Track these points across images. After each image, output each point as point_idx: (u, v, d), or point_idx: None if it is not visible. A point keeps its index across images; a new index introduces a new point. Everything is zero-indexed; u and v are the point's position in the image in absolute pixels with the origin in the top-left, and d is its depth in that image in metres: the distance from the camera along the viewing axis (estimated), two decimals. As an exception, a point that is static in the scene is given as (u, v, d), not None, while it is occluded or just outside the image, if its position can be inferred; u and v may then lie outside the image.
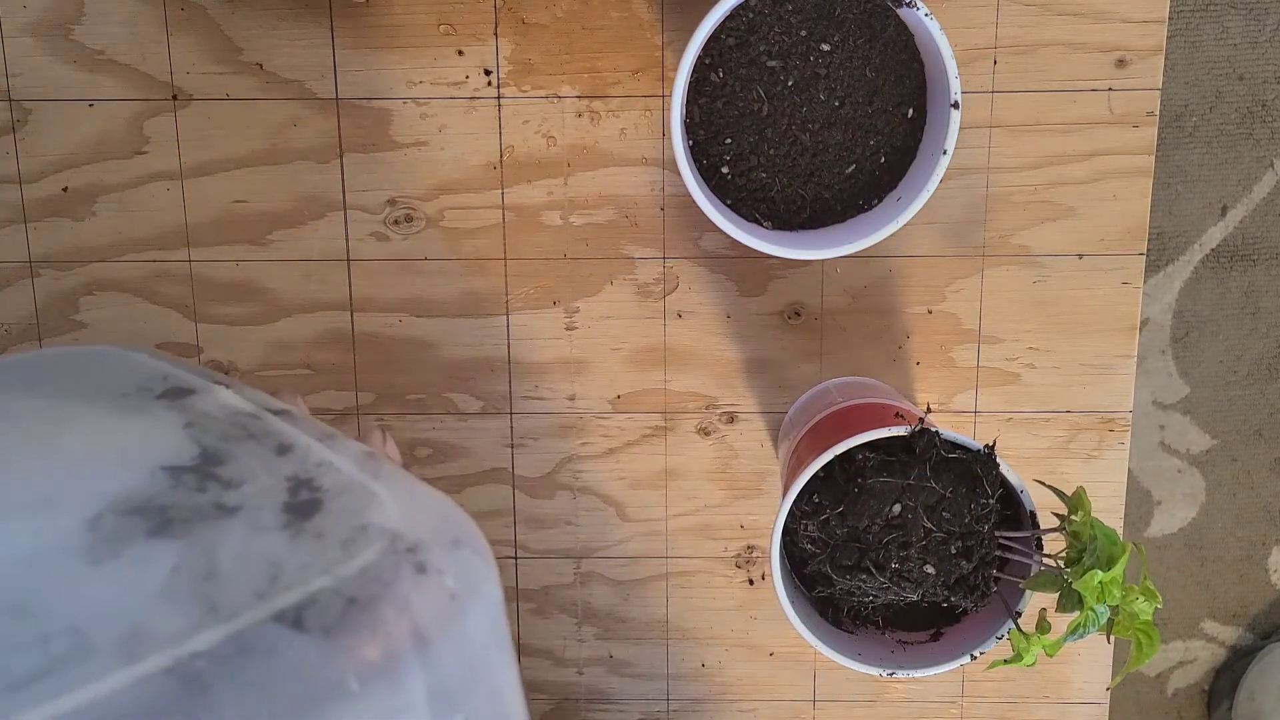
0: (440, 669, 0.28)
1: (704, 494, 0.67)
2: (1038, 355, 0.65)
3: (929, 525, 0.51)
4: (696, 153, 0.56)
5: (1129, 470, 0.70)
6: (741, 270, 0.64)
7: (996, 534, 0.53)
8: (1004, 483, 0.54)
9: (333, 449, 0.31)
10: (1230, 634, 1.45)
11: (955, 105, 0.53)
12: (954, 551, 0.52)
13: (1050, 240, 0.63)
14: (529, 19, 0.61)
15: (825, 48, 0.55)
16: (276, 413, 0.32)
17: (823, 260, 0.63)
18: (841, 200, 0.58)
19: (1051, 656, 0.52)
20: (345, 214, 0.64)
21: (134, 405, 0.31)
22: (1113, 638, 0.51)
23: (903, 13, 0.54)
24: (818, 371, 0.66)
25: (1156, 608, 0.49)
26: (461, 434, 0.67)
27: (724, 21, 0.54)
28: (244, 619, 0.25)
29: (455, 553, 0.30)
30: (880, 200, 0.58)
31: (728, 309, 0.65)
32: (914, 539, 0.51)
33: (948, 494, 0.52)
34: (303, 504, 0.29)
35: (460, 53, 0.62)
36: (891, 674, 0.56)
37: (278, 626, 0.25)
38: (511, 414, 0.66)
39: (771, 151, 0.56)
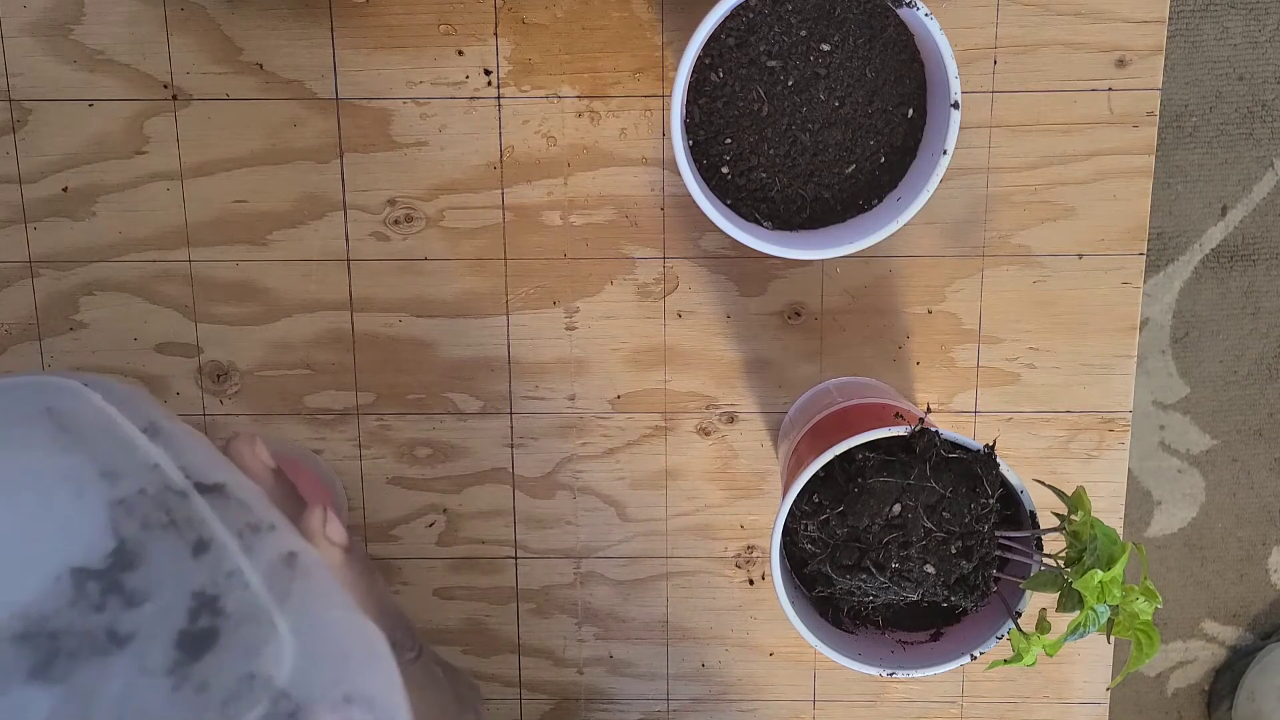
0: None
1: (704, 494, 0.67)
2: (1038, 355, 0.65)
3: (929, 525, 0.51)
4: (696, 153, 0.56)
5: (1129, 470, 0.70)
6: (741, 270, 0.64)
7: (996, 534, 0.53)
8: (1004, 483, 0.54)
9: (252, 548, 0.29)
10: (1230, 634, 1.45)
11: (955, 105, 0.53)
12: (954, 551, 0.52)
13: (1050, 240, 0.63)
14: (529, 19, 0.61)
15: (825, 48, 0.55)
16: (208, 489, 0.30)
17: (823, 260, 0.63)
18: (841, 200, 0.58)
19: (1051, 656, 0.52)
20: (345, 214, 0.64)
21: (66, 472, 0.29)
22: (1113, 638, 0.51)
23: (903, 13, 0.54)
24: (818, 371, 0.66)
25: (1156, 608, 0.49)
26: (461, 434, 0.67)
27: (724, 21, 0.54)
28: None
29: (343, 712, 0.28)
30: (880, 200, 0.58)
31: (728, 309, 0.65)
32: (914, 539, 0.51)
33: (948, 494, 0.52)
34: (199, 634, 0.27)
35: (460, 53, 0.62)
36: (891, 674, 0.56)
37: None
38: (511, 414, 0.66)
39: (771, 151, 0.56)
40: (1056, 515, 0.52)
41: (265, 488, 0.33)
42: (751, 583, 0.69)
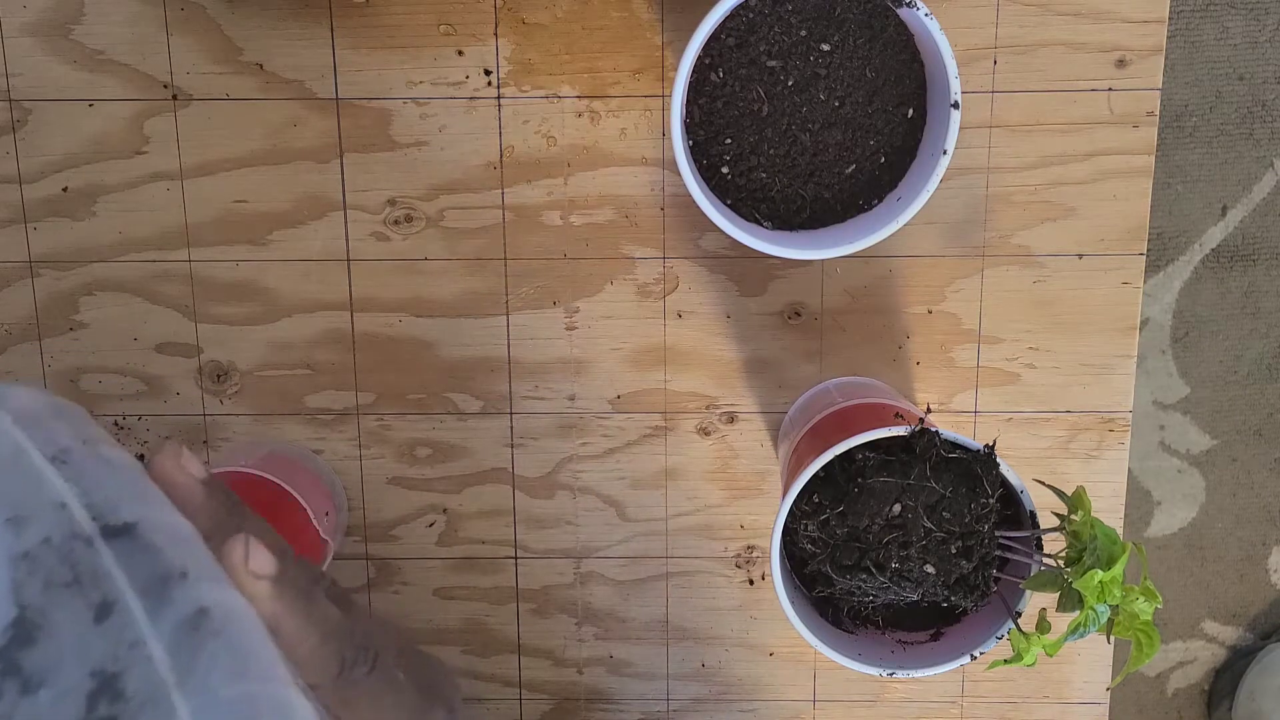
0: None
1: (704, 494, 0.67)
2: (1038, 355, 0.65)
3: (929, 525, 0.51)
4: (696, 153, 0.56)
5: (1129, 470, 0.70)
6: (741, 270, 0.64)
7: (996, 534, 0.53)
8: (1004, 483, 0.54)
9: (159, 608, 0.26)
10: (1230, 634, 1.45)
11: (955, 105, 0.53)
12: (954, 551, 0.52)
13: (1050, 240, 0.63)
14: (529, 19, 0.61)
15: (825, 48, 0.55)
16: (116, 531, 0.27)
17: (823, 260, 0.63)
18: (841, 200, 0.58)
19: (1051, 656, 0.52)
20: (345, 214, 0.64)
21: None
22: (1113, 638, 0.51)
23: (903, 13, 0.54)
24: (818, 371, 0.66)
25: (1156, 608, 0.49)
26: (461, 434, 0.67)
27: (724, 21, 0.54)
28: None
29: None
30: (880, 200, 0.58)
31: (728, 309, 0.65)
32: (914, 539, 0.51)
33: (948, 494, 0.52)
34: (101, 692, 0.25)
35: (460, 53, 0.62)
36: (891, 674, 0.56)
37: None
38: (511, 414, 0.66)
39: (771, 151, 0.56)
40: (1056, 515, 0.52)
41: (194, 505, 0.31)
42: (751, 583, 0.69)
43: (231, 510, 0.32)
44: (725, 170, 0.57)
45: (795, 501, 0.54)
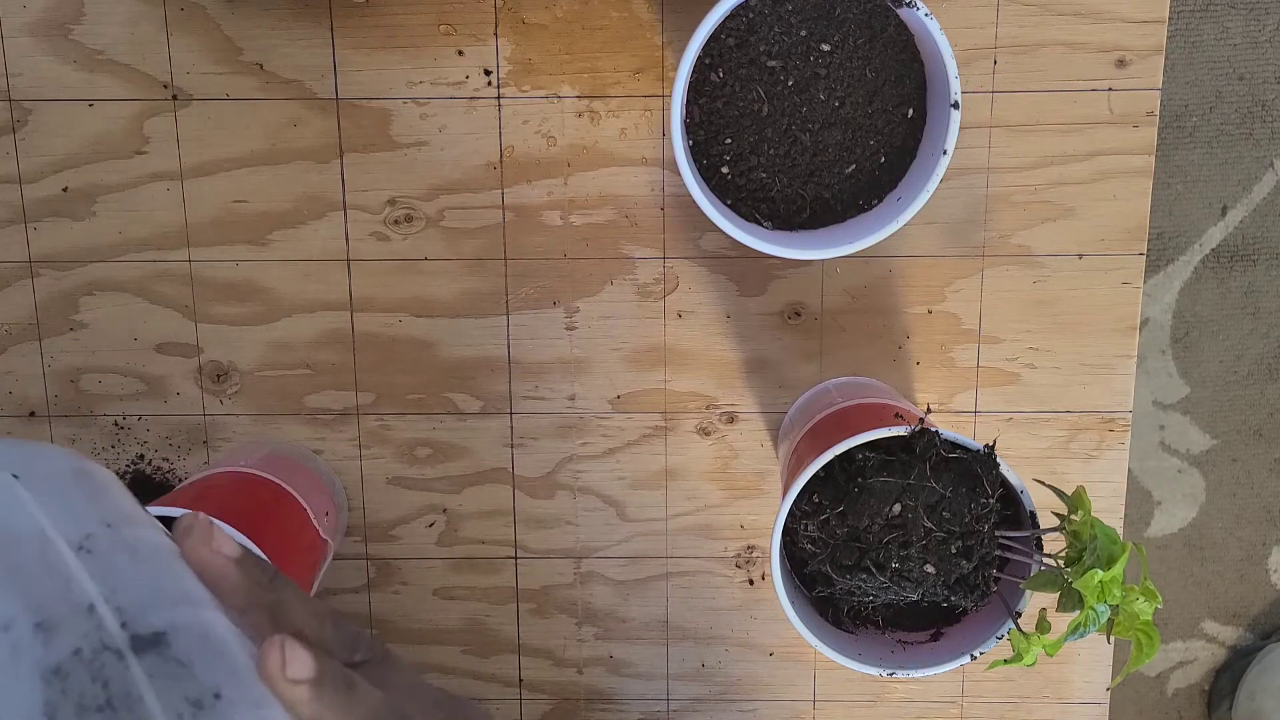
0: None
1: (704, 494, 0.67)
2: (1038, 355, 0.65)
3: (929, 525, 0.51)
4: (696, 153, 0.56)
5: (1129, 470, 0.70)
6: (741, 270, 0.64)
7: (996, 534, 0.53)
8: (1004, 483, 0.54)
9: None
10: (1230, 634, 1.45)
11: (955, 105, 0.53)
12: (954, 551, 0.52)
13: (1050, 240, 0.63)
14: (529, 19, 0.61)
15: (825, 48, 0.55)
16: (147, 643, 0.26)
17: (823, 260, 0.63)
18: (841, 200, 0.58)
19: (1051, 656, 0.52)
20: (345, 214, 0.64)
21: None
22: (1113, 638, 0.51)
23: (903, 13, 0.54)
24: (818, 371, 0.66)
25: (1156, 608, 0.49)
26: (461, 434, 0.67)
27: (724, 21, 0.54)
28: None
29: None
30: (880, 200, 0.58)
31: (728, 309, 0.65)
32: (914, 539, 0.51)
33: (948, 494, 0.52)
34: None
35: (460, 53, 0.62)
36: (891, 674, 0.56)
37: None
38: (511, 414, 0.66)
39: (771, 151, 0.56)
40: (1056, 515, 0.52)
41: (228, 585, 0.30)
42: (751, 583, 0.69)
43: (265, 584, 0.31)
44: (725, 170, 0.57)
45: (795, 501, 0.54)
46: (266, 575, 0.31)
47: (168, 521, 0.49)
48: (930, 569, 0.52)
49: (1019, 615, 0.55)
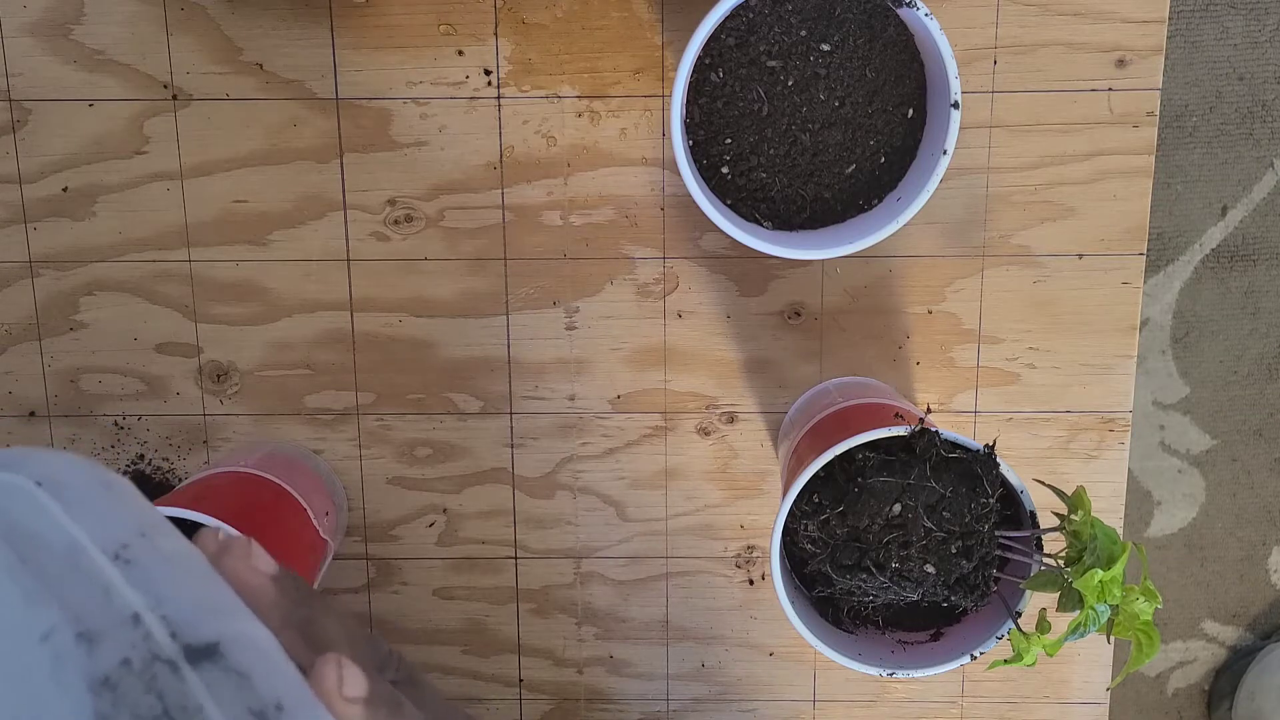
0: None
1: (704, 494, 0.67)
2: (1038, 355, 0.65)
3: (929, 525, 0.51)
4: (696, 153, 0.56)
5: (1129, 470, 0.70)
6: (741, 270, 0.64)
7: (996, 534, 0.53)
8: (1004, 483, 0.54)
9: None
10: (1230, 634, 1.45)
11: (955, 105, 0.53)
12: (954, 551, 0.52)
13: (1050, 240, 0.63)
14: (529, 19, 0.61)
15: (825, 48, 0.55)
16: (200, 654, 0.25)
17: (823, 260, 0.63)
18: (841, 200, 0.58)
19: (1051, 656, 0.52)
20: (345, 214, 0.64)
21: (40, 633, 0.24)
22: (1113, 638, 0.51)
23: (903, 13, 0.54)
24: (818, 371, 0.66)
25: (1156, 608, 0.49)
26: (461, 434, 0.67)
27: (724, 21, 0.54)
28: None
29: None
30: (880, 200, 0.58)
31: (728, 309, 0.65)
32: (914, 539, 0.51)
33: (948, 494, 0.52)
34: None
35: (460, 53, 0.62)
36: (891, 674, 0.56)
37: None
38: (511, 414, 0.66)
39: (771, 151, 0.56)
40: (1056, 515, 0.52)
41: (267, 603, 0.30)
42: (751, 583, 0.69)
43: (302, 601, 0.31)
44: (725, 170, 0.57)
45: (795, 501, 0.54)
46: (301, 592, 0.31)
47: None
48: (930, 569, 0.52)
49: (1019, 615, 0.55)
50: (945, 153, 0.54)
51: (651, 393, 0.66)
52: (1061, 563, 0.51)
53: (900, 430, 0.53)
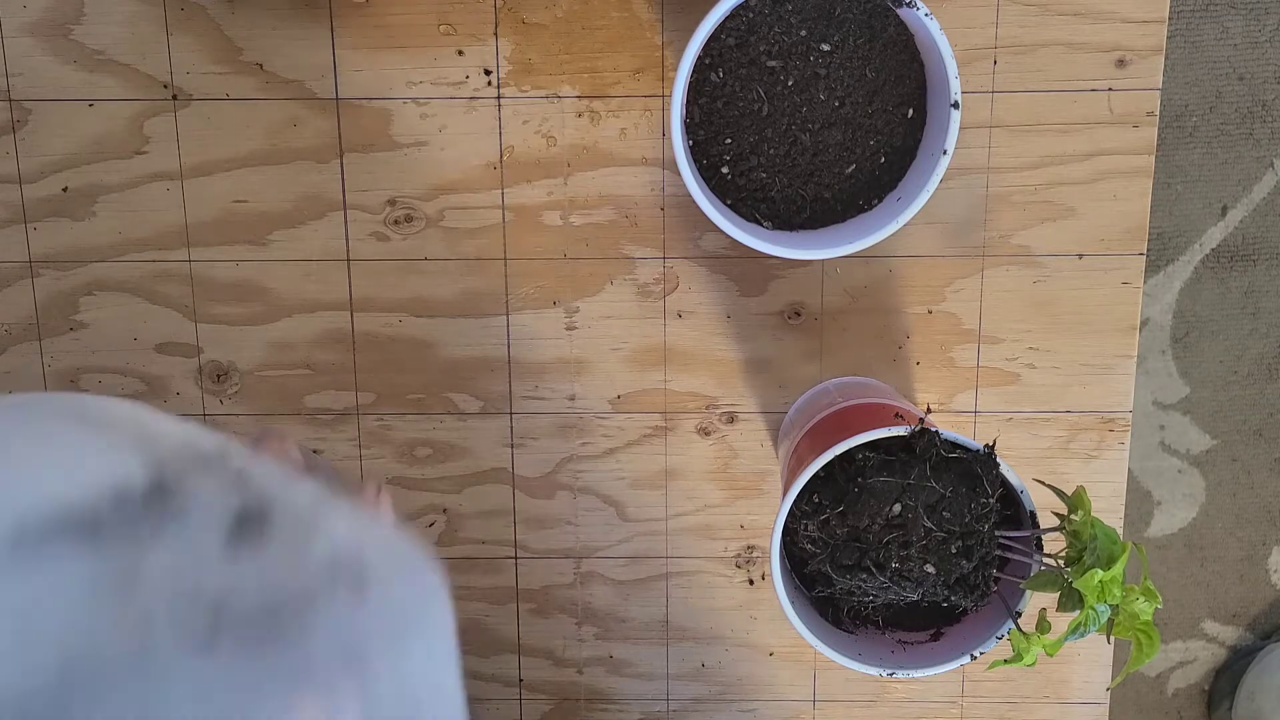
0: (377, 692, 0.27)
1: (704, 494, 0.67)
2: (1038, 355, 0.65)
3: (929, 525, 0.51)
4: (696, 153, 0.56)
5: (1129, 470, 0.70)
6: (741, 270, 0.64)
7: (996, 534, 0.53)
8: (1004, 483, 0.54)
9: (294, 483, 0.30)
10: (1230, 634, 1.45)
11: (955, 105, 0.53)
12: (954, 551, 0.52)
13: (1050, 240, 0.63)
14: (529, 19, 0.61)
15: (825, 48, 0.55)
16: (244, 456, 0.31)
17: (823, 260, 0.63)
18: (841, 200, 0.58)
19: (1051, 656, 0.52)
20: (345, 214, 0.64)
21: (96, 429, 0.29)
22: (1113, 638, 0.51)
23: (903, 13, 0.54)
24: (818, 371, 0.66)
25: (1156, 608, 0.49)
26: (461, 434, 0.67)
27: (724, 21, 0.54)
28: (152, 635, 0.24)
29: (402, 573, 0.29)
30: (880, 200, 0.58)
31: (728, 309, 0.65)
32: (914, 538, 0.51)
33: (948, 494, 0.52)
34: (250, 517, 0.27)
35: (460, 53, 0.62)
36: (891, 674, 0.56)
37: (183, 653, 0.24)
38: (511, 414, 0.66)
39: (771, 151, 0.56)
40: (1056, 515, 0.52)
41: (297, 468, 0.36)
42: (751, 583, 0.69)
43: (329, 480, 0.37)
44: (725, 170, 0.57)
45: (795, 501, 0.54)
46: (328, 474, 0.42)
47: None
48: (930, 569, 0.52)
49: (1019, 615, 0.55)
50: (945, 153, 0.54)
51: (651, 393, 0.66)
52: (1061, 563, 0.51)
53: (900, 430, 0.53)
